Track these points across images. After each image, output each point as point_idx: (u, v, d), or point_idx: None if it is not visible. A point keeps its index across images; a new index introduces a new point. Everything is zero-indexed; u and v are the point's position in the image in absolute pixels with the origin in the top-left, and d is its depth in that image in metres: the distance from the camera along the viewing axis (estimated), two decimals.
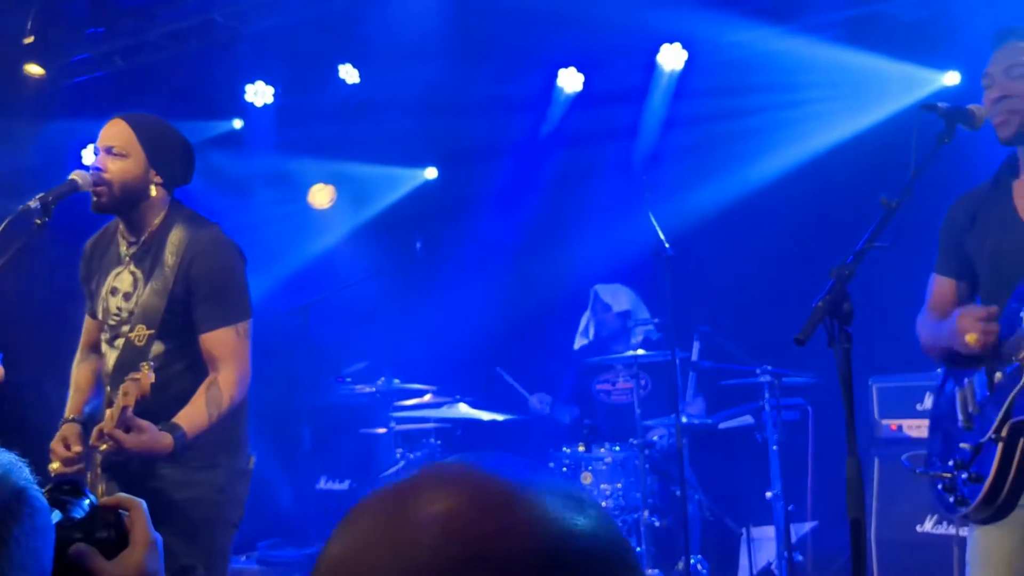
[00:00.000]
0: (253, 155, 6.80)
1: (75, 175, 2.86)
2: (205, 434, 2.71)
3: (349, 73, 6.19)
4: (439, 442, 5.39)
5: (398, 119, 6.50)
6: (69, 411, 2.99)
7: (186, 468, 2.75)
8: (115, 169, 2.82)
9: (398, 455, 5.33)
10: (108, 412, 2.61)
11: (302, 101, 6.53)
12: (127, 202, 2.86)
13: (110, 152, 2.83)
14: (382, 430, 5.57)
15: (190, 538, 2.73)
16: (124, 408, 2.54)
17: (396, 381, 5.54)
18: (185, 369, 2.82)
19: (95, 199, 2.84)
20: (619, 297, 5.60)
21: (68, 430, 2.89)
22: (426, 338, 6.31)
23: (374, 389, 5.60)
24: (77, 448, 2.82)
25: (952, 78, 5.31)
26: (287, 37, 5.78)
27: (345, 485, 6.33)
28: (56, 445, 2.85)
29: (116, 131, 2.85)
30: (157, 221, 2.90)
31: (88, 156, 6.58)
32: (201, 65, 5.98)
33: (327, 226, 7.17)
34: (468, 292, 6.43)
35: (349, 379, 5.99)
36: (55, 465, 2.83)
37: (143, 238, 2.90)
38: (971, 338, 2.38)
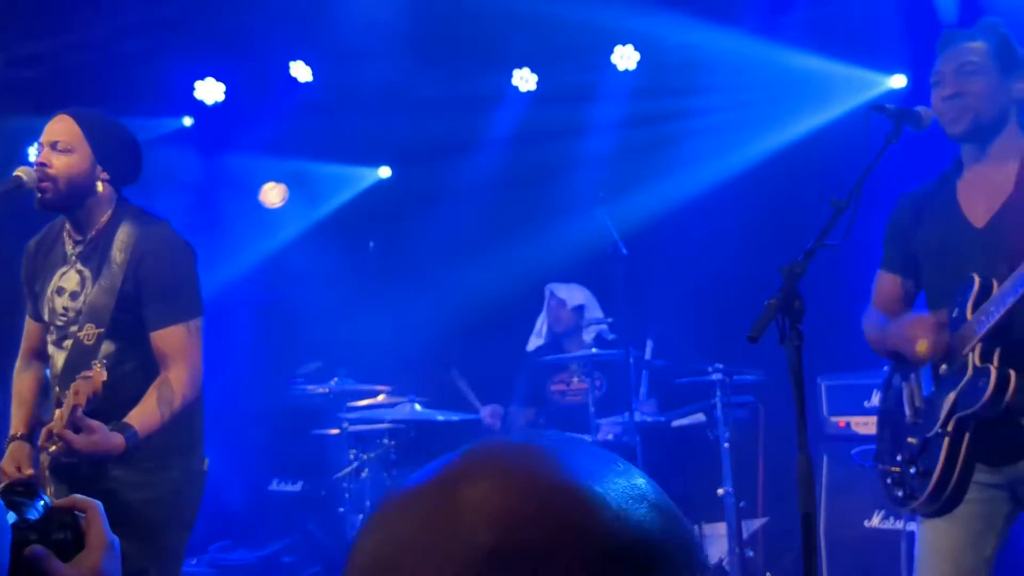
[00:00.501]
0: (203, 153, 6.71)
1: (20, 171, 2.80)
2: (158, 435, 2.66)
3: (301, 71, 6.13)
4: (393, 443, 5.36)
5: (351, 117, 6.46)
6: (16, 427, 2.91)
7: (139, 469, 2.70)
8: (60, 164, 2.76)
9: (351, 456, 5.29)
10: (58, 412, 2.55)
11: (254, 99, 6.45)
12: (72, 198, 2.80)
13: (55, 147, 2.76)
14: (335, 431, 5.52)
15: (143, 540, 2.68)
16: (74, 407, 2.48)
17: (350, 381, 5.50)
18: (136, 368, 2.76)
19: (39, 196, 2.78)
20: (574, 293, 5.63)
21: (18, 451, 2.82)
22: (380, 338, 6.28)
23: (327, 390, 5.55)
24: (29, 472, 2.75)
25: (898, 81, 5.42)
26: (238, 33, 5.71)
27: (298, 487, 6.27)
28: (7, 467, 2.78)
29: (61, 126, 2.79)
30: (104, 219, 2.84)
31: (34, 153, 6.44)
32: (149, 61, 5.88)
33: (279, 225, 7.10)
34: (422, 292, 6.41)
35: (302, 380, 5.94)
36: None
37: (90, 236, 2.84)
38: (921, 346, 2.43)
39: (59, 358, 2.82)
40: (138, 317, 2.76)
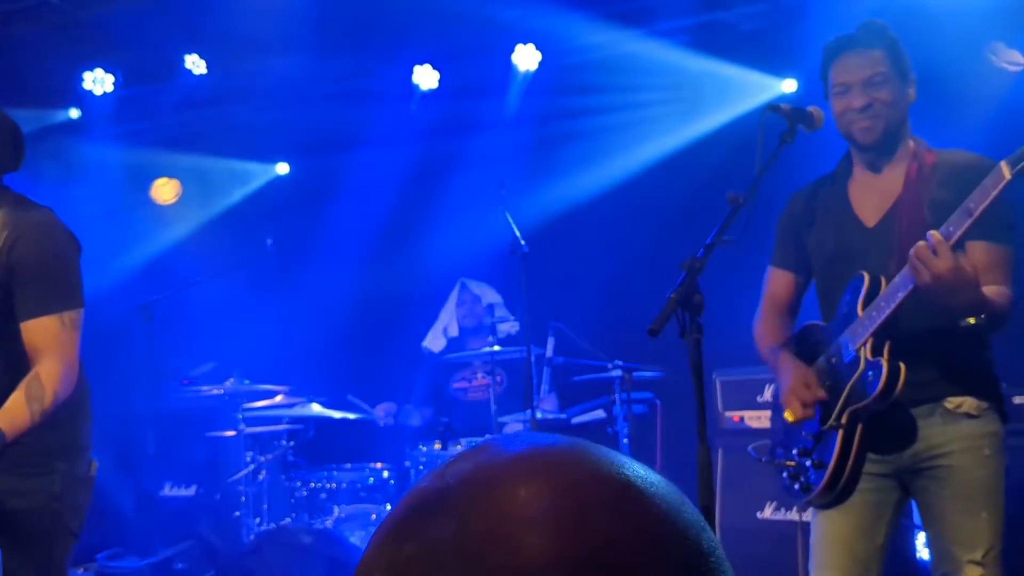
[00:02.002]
0: (92, 146, 6.47)
1: None
2: (35, 436, 2.49)
3: (196, 63, 5.97)
4: (292, 443, 5.27)
5: (248, 112, 6.32)
6: None
7: (20, 475, 2.53)
8: None
9: (248, 458, 5.17)
10: None
11: (145, 91, 6.24)
12: None
13: None
14: (231, 432, 5.38)
15: (25, 550, 2.54)
16: None
17: (246, 382, 5.38)
18: (6, 366, 2.57)
19: None
20: (486, 292, 5.65)
21: None
22: (277, 337, 6.16)
23: (222, 391, 5.40)
24: None
25: (790, 85, 5.59)
26: (129, 23, 5.51)
27: (192, 491, 6.10)
28: None
29: None
30: None
31: None
32: (34, 50, 5.63)
33: (172, 222, 6.89)
34: (320, 290, 6.31)
35: (195, 380, 5.77)
36: None
37: None
38: (788, 416, 2.56)
39: None
40: (9, 307, 2.58)
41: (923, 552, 3.96)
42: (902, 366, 2.37)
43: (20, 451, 2.48)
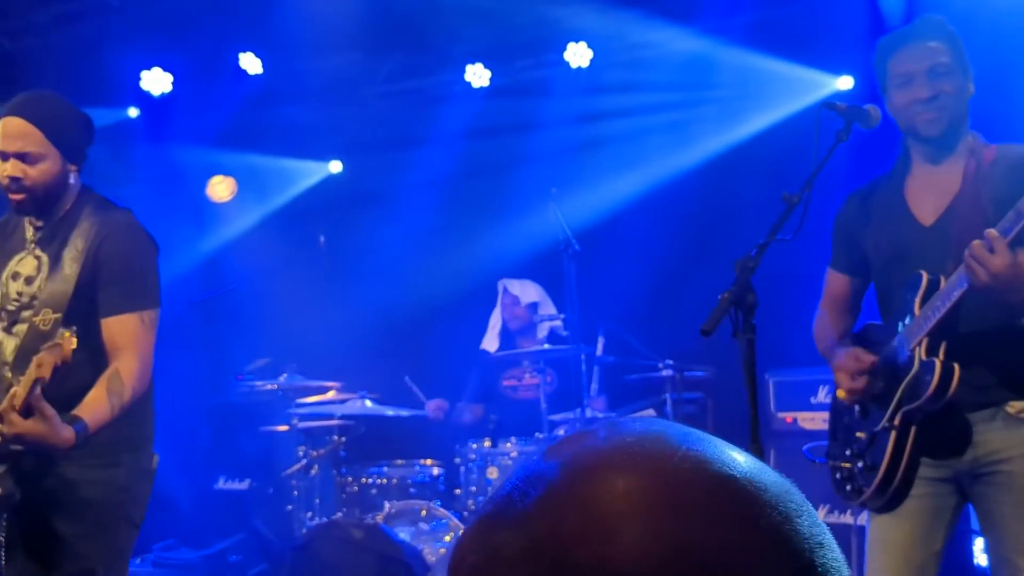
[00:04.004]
0: (149, 145, 6.59)
1: None
2: (107, 430, 2.56)
3: (251, 63, 6.05)
4: (343, 439, 5.32)
5: (302, 111, 6.39)
6: None
7: (89, 466, 2.63)
8: (35, 174, 2.68)
9: (300, 453, 5.23)
10: (13, 389, 2.45)
11: (202, 90, 6.35)
12: (51, 200, 2.75)
13: (25, 159, 2.67)
14: (284, 428, 5.45)
15: (92, 538, 2.63)
16: (36, 382, 2.35)
17: (299, 378, 5.44)
18: (88, 359, 2.64)
19: (16, 203, 2.72)
20: (527, 289, 5.63)
21: None
22: (330, 334, 6.21)
23: (276, 386, 5.48)
24: None
25: (846, 82, 5.50)
26: (186, 23, 5.61)
27: (245, 484, 6.18)
28: None
29: (22, 132, 2.66)
30: (67, 206, 2.79)
31: None
32: (94, 50, 5.75)
33: (227, 219, 6.99)
34: (372, 287, 6.36)
35: (250, 376, 5.85)
36: None
37: (51, 223, 2.78)
38: (840, 393, 2.52)
39: (9, 344, 2.72)
40: (93, 304, 2.68)
41: (980, 558, 3.88)
42: (956, 367, 2.32)
43: (91, 443, 2.55)
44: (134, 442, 2.74)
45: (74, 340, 2.41)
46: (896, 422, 2.43)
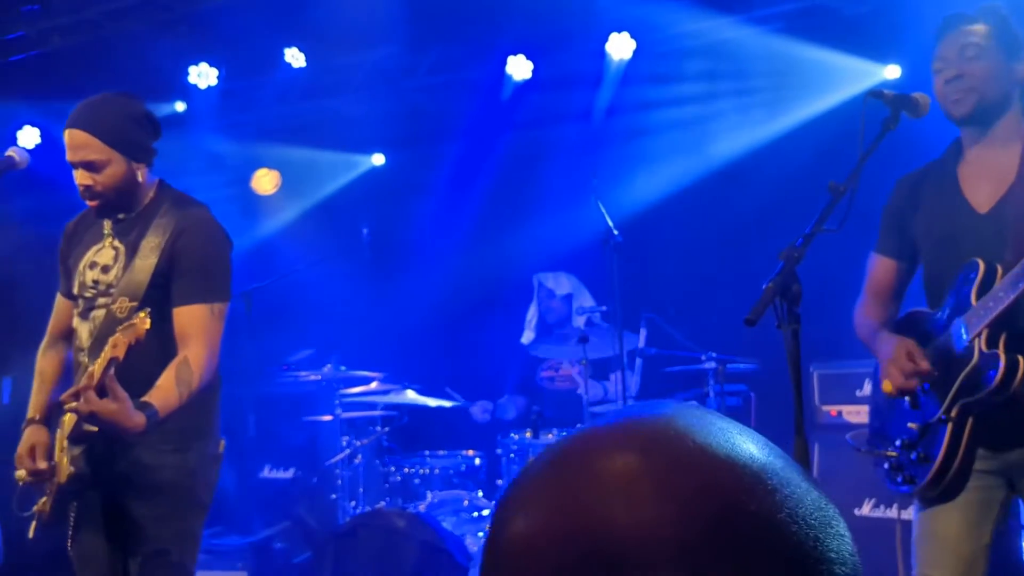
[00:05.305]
0: (196, 139, 6.68)
1: (11, 152, 2.83)
2: (176, 416, 2.62)
3: (295, 57, 6.10)
4: (386, 429, 5.36)
5: (345, 104, 6.43)
6: (34, 409, 2.88)
7: (160, 451, 2.71)
8: (103, 179, 2.76)
9: (344, 443, 5.29)
10: (90, 369, 2.52)
11: (247, 84, 6.42)
12: (125, 199, 2.83)
13: (90, 168, 2.75)
14: (328, 417, 5.51)
15: (166, 520, 2.71)
16: (111, 361, 2.41)
17: (342, 368, 5.49)
18: (159, 347, 2.70)
19: (95, 209, 2.82)
20: (560, 282, 5.64)
21: (34, 436, 2.79)
22: (373, 325, 6.26)
23: (319, 377, 5.54)
24: (43, 465, 2.73)
25: (893, 71, 5.42)
26: (232, 18, 5.67)
27: (289, 473, 6.26)
28: (24, 453, 2.75)
29: (82, 143, 2.73)
30: (147, 200, 2.87)
31: (25, 138, 6.41)
32: (142, 45, 5.84)
33: (271, 212, 7.07)
34: (415, 278, 6.40)
35: (294, 366, 5.92)
36: (21, 473, 2.74)
37: (131, 216, 2.86)
38: (886, 386, 2.47)
39: (84, 330, 2.80)
40: (167, 294, 2.75)
41: None
42: (1021, 360, 2.28)
43: (162, 429, 2.62)
44: (203, 429, 2.83)
45: (148, 320, 2.47)
46: (953, 414, 2.40)
